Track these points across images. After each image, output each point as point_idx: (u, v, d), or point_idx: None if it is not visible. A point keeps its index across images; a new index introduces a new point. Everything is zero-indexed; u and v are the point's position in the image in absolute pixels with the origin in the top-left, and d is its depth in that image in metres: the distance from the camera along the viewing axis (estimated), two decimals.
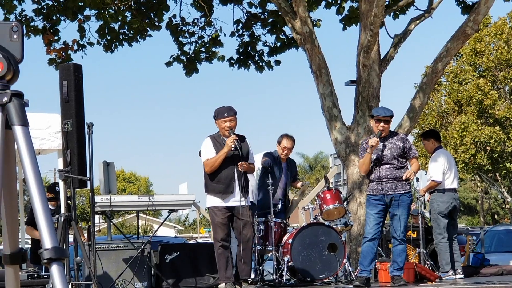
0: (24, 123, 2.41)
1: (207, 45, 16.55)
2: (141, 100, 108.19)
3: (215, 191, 9.22)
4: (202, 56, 16.59)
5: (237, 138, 9.11)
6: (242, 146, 9.24)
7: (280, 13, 13.79)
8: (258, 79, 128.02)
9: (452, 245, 10.81)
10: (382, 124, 9.41)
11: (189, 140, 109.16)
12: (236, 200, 9.15)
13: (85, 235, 11.46)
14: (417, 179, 10.83)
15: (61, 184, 8.95)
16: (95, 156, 8.55)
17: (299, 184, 11.34)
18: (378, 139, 9.32)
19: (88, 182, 8.64)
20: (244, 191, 9.18)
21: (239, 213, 9.15)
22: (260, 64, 16.62)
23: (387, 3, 13.79)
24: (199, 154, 9.63)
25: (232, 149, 9.06)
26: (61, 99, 8.45)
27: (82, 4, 15.05)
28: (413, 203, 11.10)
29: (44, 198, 2.35)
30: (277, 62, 16.64)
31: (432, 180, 10.85)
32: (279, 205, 10.55)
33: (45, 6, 15.41)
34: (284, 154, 10.89)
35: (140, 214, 11.62)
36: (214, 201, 9.26)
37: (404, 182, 9.40)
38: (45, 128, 9.02)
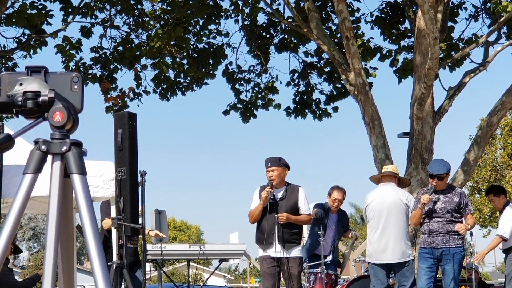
0: (82, 172, 2.45)
1: (263, 92, 16.66)
2: (193, 149, 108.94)
3: (259, 241, 9.23)
4: (259, 103, 16.70)
5: (271, 189, 9.05)
6: (288, 197, 9.20)
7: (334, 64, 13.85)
8: (312, 128, 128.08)
9: None
10: (436, 180, 9.25)
11: (241, 190, 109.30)
12: (277, 251, 9.04)
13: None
14: (471, 233, 10.63)
15: (114, 231, 9.00)
16: (147, 204, 8.56)
17: (350, 234, 11.27)
18: (431, 197, 9.16)
19: (140, 230, 8.66)
20: (285, 242, 9.06)
21: (284, 264, 9.10)
22: (318, 112, 16.65)
23: (441, 55, 13.75)
24: None
25: (270, 200, 9.07)
26: (115, 147, 8.50)
27: (138, 53, 15.33)
28: (466, 257, 10.90)
29: (100, 247, 2.38)
30: (335, 109, 16.64)
31: (500, 236, 10.64)
32: (330, 257, 10.48)
33: (103, 55, 15.73)
34: (335, 206, 10.83)
35: (190, 263, 11.62)
36: (260, 250, 9.27)
37: (456, 236, 9.16)
38: (99, 175, 9.07)
